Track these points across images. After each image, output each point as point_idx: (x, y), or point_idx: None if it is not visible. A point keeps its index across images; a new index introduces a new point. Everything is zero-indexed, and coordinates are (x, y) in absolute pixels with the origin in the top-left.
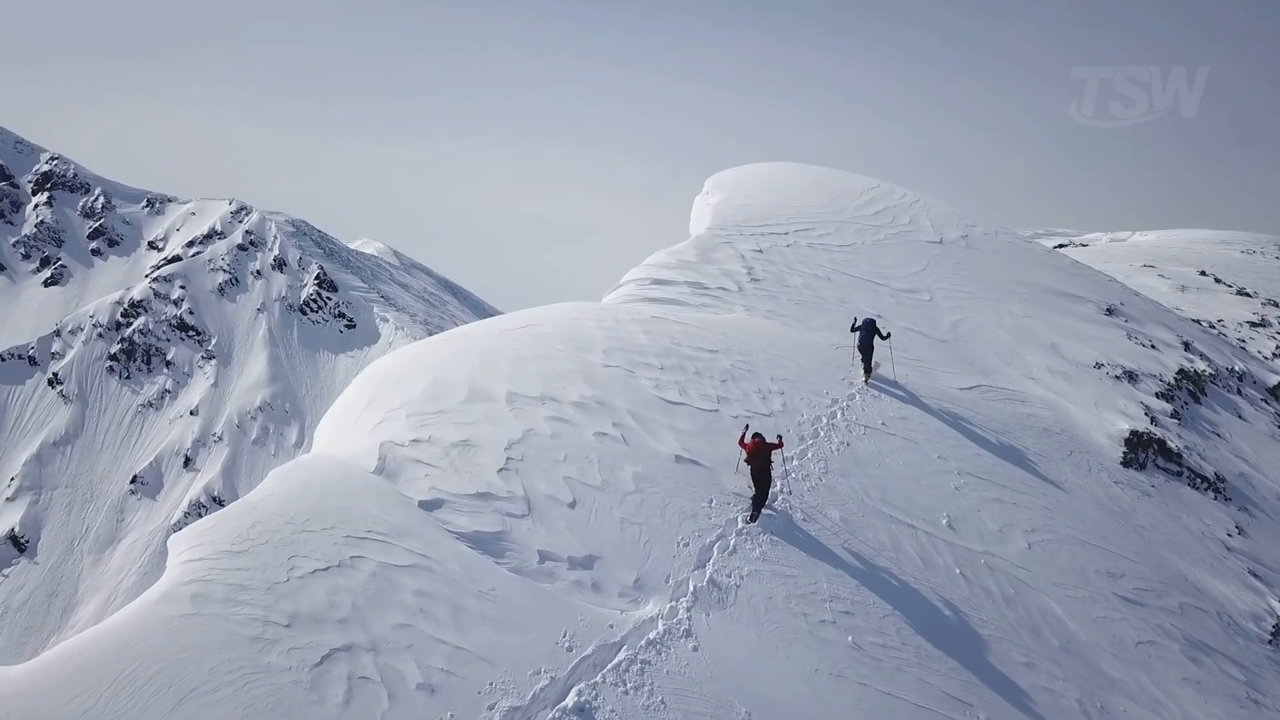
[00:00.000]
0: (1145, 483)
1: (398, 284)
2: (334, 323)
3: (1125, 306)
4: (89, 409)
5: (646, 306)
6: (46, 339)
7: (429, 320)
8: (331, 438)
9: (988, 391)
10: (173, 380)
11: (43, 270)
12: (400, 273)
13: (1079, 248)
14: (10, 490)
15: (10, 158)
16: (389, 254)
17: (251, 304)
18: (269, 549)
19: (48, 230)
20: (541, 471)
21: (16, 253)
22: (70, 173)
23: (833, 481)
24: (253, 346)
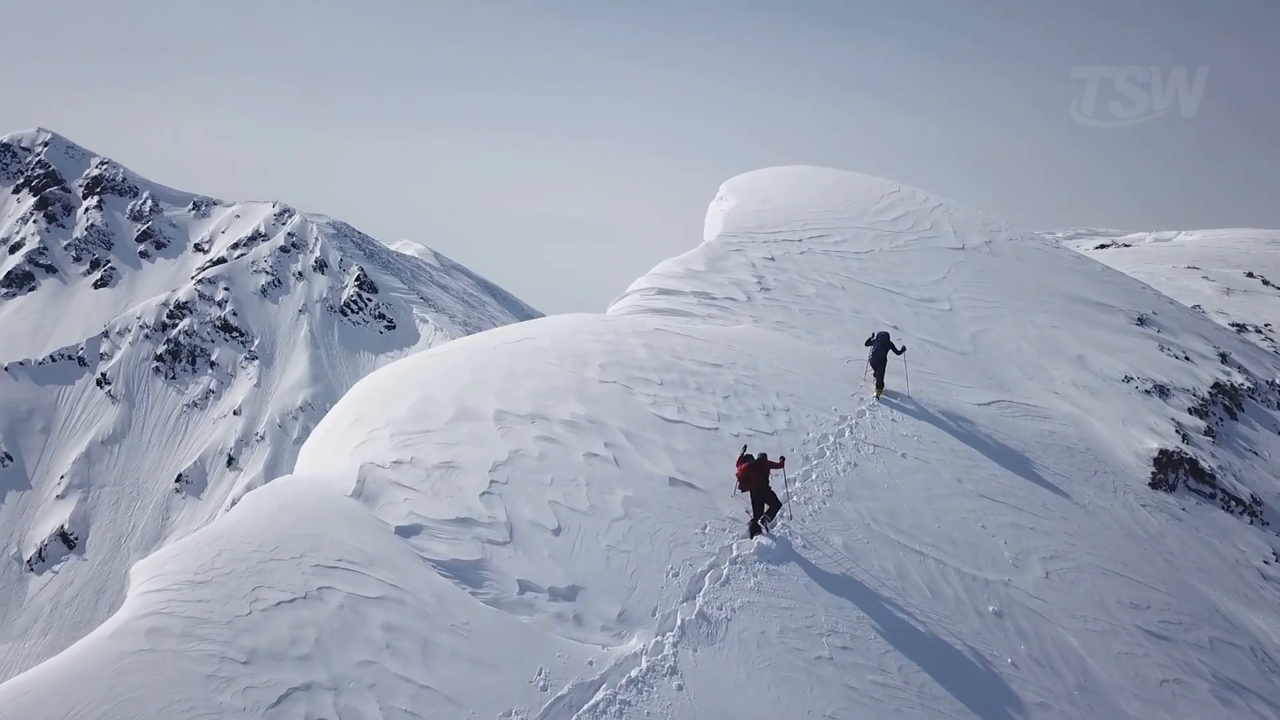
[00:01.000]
0: (1175, 505)
1: (437, 285)
2: (374, 324)
3: (1158, 316)
4: (136, 409)
5: (650, 318)
6: (95, 340)
7: (468, 321)
8: (314, 458)
9: (1007, 407)
10: (216, 380)
11: (93, 272)
12: (440, 274)
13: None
14: (60, 488)
15: (62, 162)
16: (429, 255)
17: (293, 305)
18: (233, 579)
19: (97, 233)
20: (526, 495)
21: (68, 255)
22: (119, 177)
23: (837, 505)
24: (294, 347)
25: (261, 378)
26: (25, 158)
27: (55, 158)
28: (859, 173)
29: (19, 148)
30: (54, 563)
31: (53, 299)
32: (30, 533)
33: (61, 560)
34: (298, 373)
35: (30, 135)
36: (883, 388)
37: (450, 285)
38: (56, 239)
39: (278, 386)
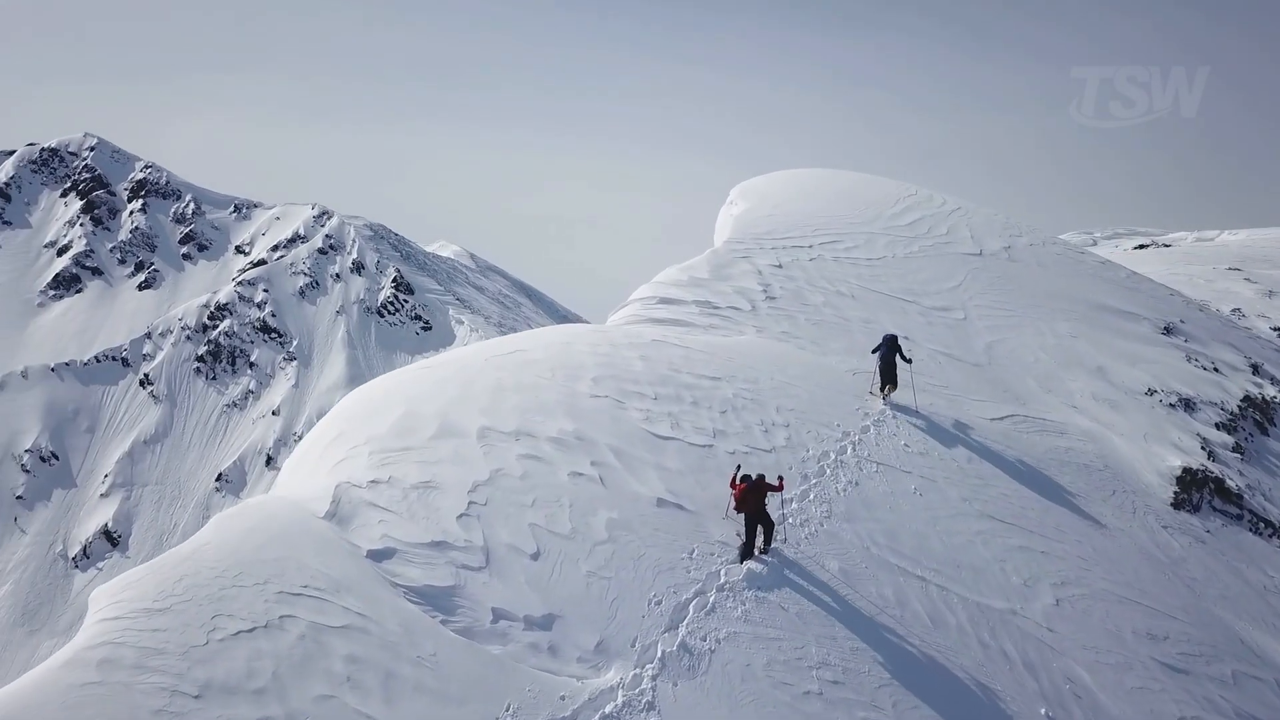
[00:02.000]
0: (1199, 527)
1: (473, 286)
2: (410, 325)
3: (1186, 324)
4: (177, 409)
5: (649, 328)
6: (138, 341)
7: (503, 322)
8: (294, 476)
9: (1022, 422)
10: (255, 381)
11: (137, 275)
12: (476, 275)
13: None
14: (105, 486)
15: (108, 166)
16: (465, 257)
17: (331, 306)
18: (192, 607)
19: (142, 236)
20: (505, 517)
21: (113, 258)
22: (163, 180)
23: (835, 527)
24: (332, 348)
25: (299, 378)
26: (72, 162)
27: (101, 162)
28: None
29: (66, 152)
30: (98, 560)
31: (98, 301)
32: (75, 530)
33: (105, 558)
34: (335, 373)
35: (77, 140)
36: (896, 385)
37: (486, 286)
38: (102, 242)
39: (315, 387)
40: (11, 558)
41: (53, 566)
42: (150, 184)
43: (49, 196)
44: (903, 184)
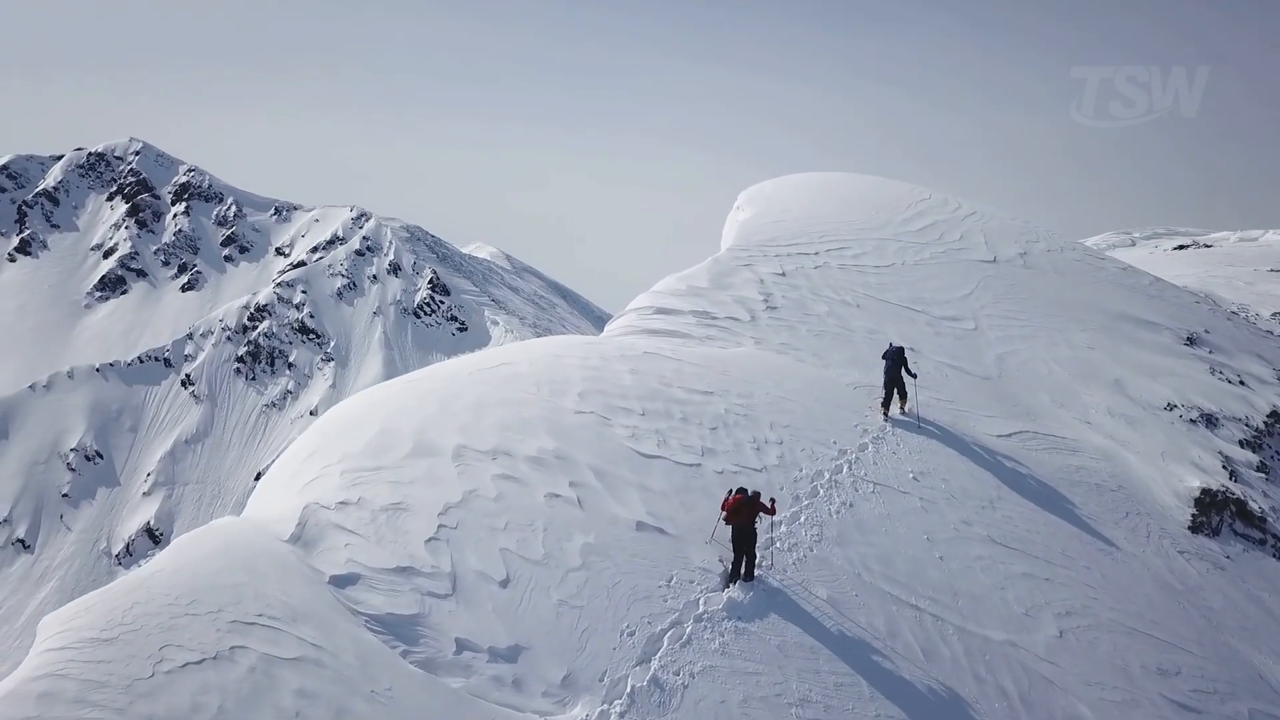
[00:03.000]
0: (1218, 553)
1: (508, 287)
2: (446, 325)
3: (1211, 334)
4: (217, 408)
5: (644, 340)
6: (180, 342)
7: (538, 323)
8: (265, 495)
9: (1031, 439)
10: (294, 381)
11: (180, 276)
12: (512, 276)
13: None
14: (147, 485)
15: (152, 170)
16: (501, 258)
17: (368, 307)
18: (141, 637)
19: (185, 238)
20: (475, 542)
21: (157, 260)
22: (205, 183)
23: (826, 552)
24: (369, 349)
25: (337, 379)
26: (118, 166)
27: (146, 166)
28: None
29: (113, 157)
30: (140, 557)
31: (143, 302)
32: (118, 528)
33: (147, 555)
34: (372, 374)
35: (123, 145)
36: (906, 398)
37: (521, 287)
38: (147, 244)
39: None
40: (57, 554)
41: (97, 563)
42: (193, 187)
43: (95, 200)
44: (916, 188)
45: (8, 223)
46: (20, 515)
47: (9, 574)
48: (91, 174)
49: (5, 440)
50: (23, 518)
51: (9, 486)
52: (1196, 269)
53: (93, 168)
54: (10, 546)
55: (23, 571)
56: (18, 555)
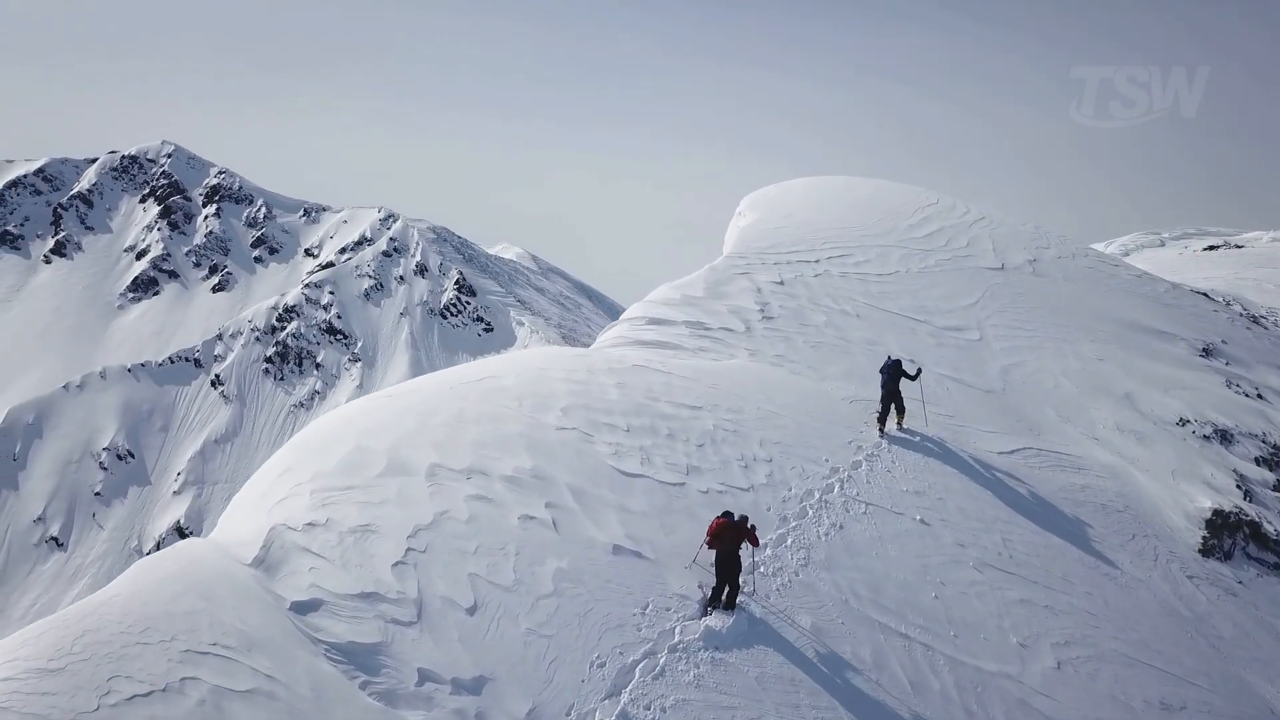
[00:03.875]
0: (1230, 578)
1: (534, 288)
2: (473, 326)
3: (1229, 345)
4: (246, 408)
5: (635, 352)
6: (210, 343)
7: (563, 324)
8: (234, 515)
9: (1035, 456)
10: (321, 382)
11: (211, 277)
12: (538, 277)
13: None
14: (177, 484)
15: (184, 172)
16: (527, 259)
17: (395, 308)
18: (89, 667)
19: (215, 240)
20: (444, 566)
21: (189, 261)
22: (236, 185)
23: (812, 576)
24: (396, 349)
25: (364, 379)
26: (151, 169)
27: (177, 168)
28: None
29: (145, 160)
30: None
31: (174, 303)
32: (149, 526)
33: None
34: (399, 374)
35: (155, 147)
36: (903, 414)
37: (547, 288)
38: (178, 246)
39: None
40: (90, 552)
41: (128, 561)
42: (224, 189)
43: (129, 202)
44: (925, 192)
45: (43, 225)
46: (54, 513)
47: (43, 571)
48: (125, 176)
49: (40, 439)
50: (56, 516)
51: (43, 485)
52: (1226, 271)
53: (126, 170)
54: (44, 544)
55: (56, 569)
56: (51, 553)
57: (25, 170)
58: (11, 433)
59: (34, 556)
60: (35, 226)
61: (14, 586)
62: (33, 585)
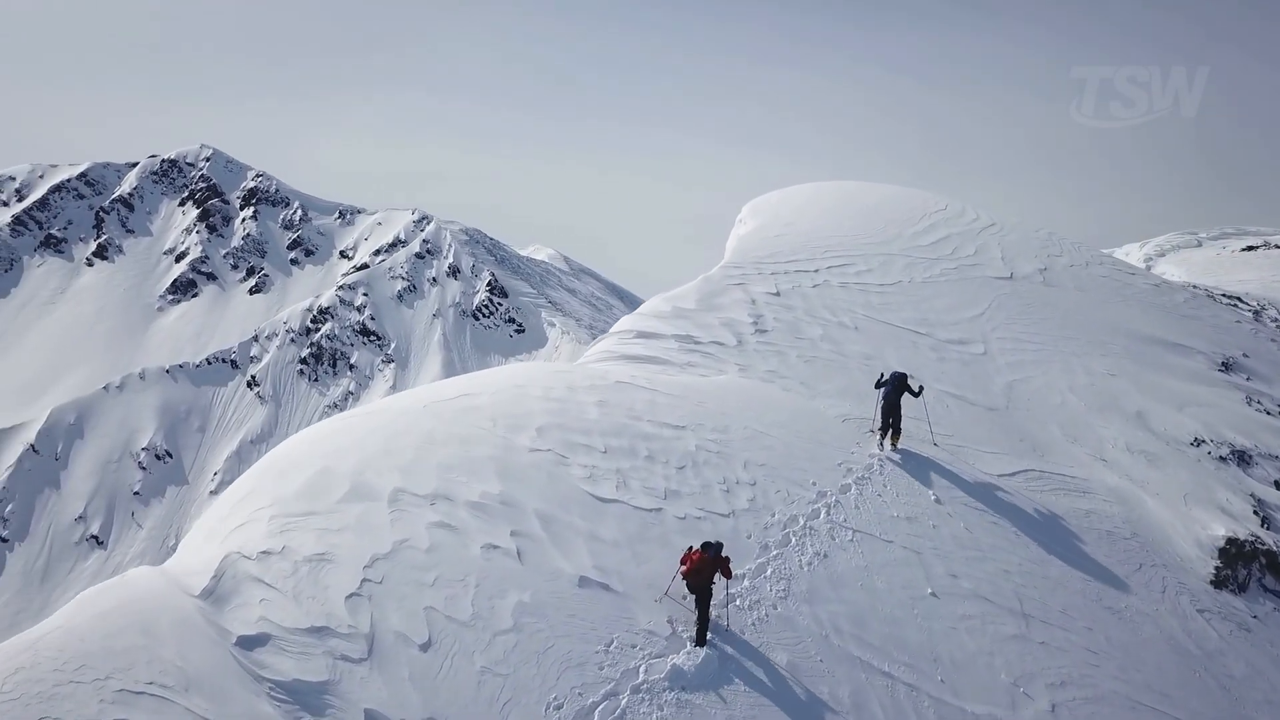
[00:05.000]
0: (1244, 612)
1: (566, 289)
2: (504, 327)
3: (1250, 359)
4: (281, 409)
5: (620, 367)
6: (246, 344)
7: (594, 324)
8: (193, 541)
9: (1037, 479)
10: (355, 383)
11: (248, 279)
12: (569, 278)
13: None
14: (214, 484)
15: (222, 176)
16: (559, 260)
17: (427, 310)
18: (19, 707)
19: (253, 242)
20: (400, 599)
21: (226, 263)
22: (272, 188)
23: (791, 610)
24: (428, 350)
25: (397, 380)
26: (190, 173)
27: (216, 172)
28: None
29: (184, 163)
30: None
31: (213, 305)
32: (186, 526)
33: None
34: (431, 375)
35: (194, 151)
36: (899, 434)
37: (578, 289)
38: (216, 248)
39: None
40: (129, 551)
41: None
42: (261, 192)
43: (168, 205)
44: (934, 197)
45: (86, 229)
46: (94, 512)
47: (83, 569)
48: (164, 180)
49: (81, 439)
50: (97, 514)
51: (84, 484)
52: (1263, 273)
53: (165, 174)
54: (85, 542)
55: (96, 567)
56: (91, 551)
57: (68, 175)
58: (54, 433)
59: (75, 554)
60: (78, 230)
61: (55, 583)
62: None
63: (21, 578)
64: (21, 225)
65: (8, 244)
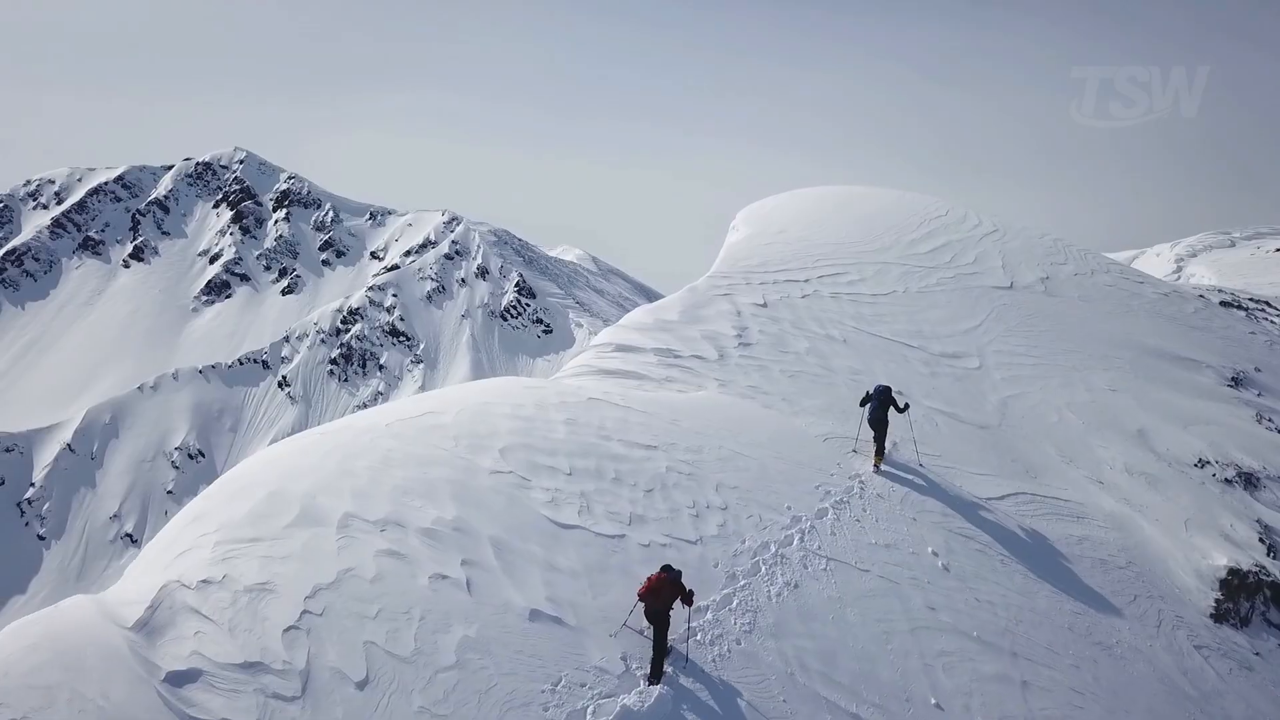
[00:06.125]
0: (1245, 649)
1: (593, 290)
2: (532, 328)
3: (1263, 373)
4: (312, 409)
5: (595, 382)
6: (277, 344)
7: None
8: (138, 568)
9: (1029, 502)
10: (384, 383)
11: (281, 280)
12: (597, 278)
13: None
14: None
15: (255, 178)
16: (588, 260)
17: (456, 311)
18: None
19: (285, 244)
20: (340, 633)
21: (259, 265)
22: (304, 190)
23: (756, 645)
24: (457, 351)
25: (426, 380)
26: (224, 175)
27: (249, 174)
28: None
29: (218, 166)
30: None
31: (246, 306)
32: None
33: None
34: (460, 376)
35: (228, 154)
36: (883, 455)
37: (606, 289)
38: (250, 250)
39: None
40: None
41: None
42: (293, 194)
43: (203, 208)
44: (935, 202)
45: (123, 231)
46: (129, 510)
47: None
48: (199, 183)
49: (116, 439)
50: (131, 513)
51: (119, 483)
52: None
53: (200, 177)
54: (119, 540)
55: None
56: (126, 549)
57: (106, 178)
58: (89, 432)
59: (110, 552)
60: (115, 232)
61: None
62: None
63: (58, 574)
64: (60, 228)
65: (47, 246)
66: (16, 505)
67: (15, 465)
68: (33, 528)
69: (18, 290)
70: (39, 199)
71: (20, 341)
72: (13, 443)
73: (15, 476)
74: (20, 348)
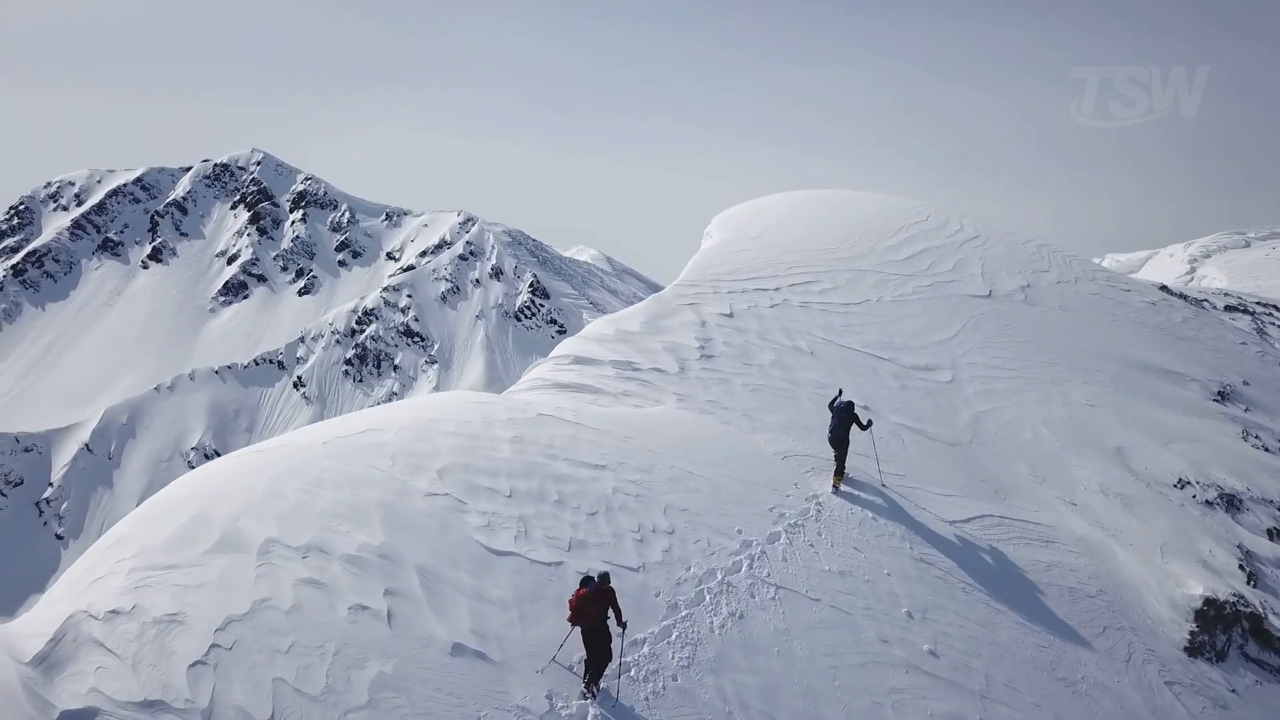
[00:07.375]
0: (1221, 685)
1: (607, 290)
2: (546, 328)
3: (1251, 387)
4: (327, 409)
5: (547, 397)
6: (293, 345)
7: None
8: (52, 596)
9: (995, 526)
10: (399, 383)
11: (298, 281)
12: (611, 279)
13: None
14: None
15: (272, 179)
16: (602, 260)
17: (471, 311)
18: None
19: (302, 244)
20: (248, 669)
21: (276, 265)
22: (321, 191)
23: (693, 681)
24: (471, 351)
25: (440, 380)
26: (241, 176)
27: (266, 175)
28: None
29: (236, 167)
30: None
31: (263, 306)
32: None
33: None
34: (474, 376)
35: (245, 155)
36: (843, 475)
37: (621, 290)
38: (267, 250)
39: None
40: None
41: None
42: (310, 195)
43: (220, 209)
44: (917, 206)
45: (141, 232)
46: None
47: None
48: (217, 184)
49: (133, 439)
50: None
51: (136, 483)
52: None
53: (218, 178)
54: None
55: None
56: None
57: (125, 179)
58: (107, 432)
59: None
60: (134, 233)
61: None
62: None
63: None
64: (80, 229)
65: (67, 248)
66: (35, 505)
67: (34, 465)
68: (51, 527)
69: (38, 291)
70: (59, 200)
71: (40, 342)
72: (32, 442)
73: (34, 476)
74: (40, 348)
